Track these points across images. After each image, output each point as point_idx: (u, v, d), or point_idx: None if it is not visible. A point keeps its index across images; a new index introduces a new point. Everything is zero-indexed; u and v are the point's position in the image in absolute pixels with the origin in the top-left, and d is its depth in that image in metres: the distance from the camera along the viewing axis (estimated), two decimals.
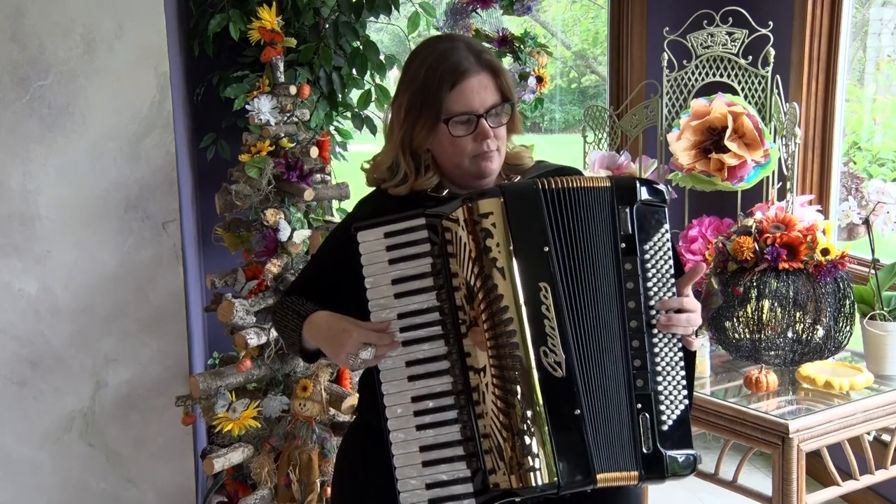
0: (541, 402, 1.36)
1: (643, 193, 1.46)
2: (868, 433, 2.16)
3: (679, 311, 1.46)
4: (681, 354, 1.47)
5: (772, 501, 2.05)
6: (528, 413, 1.36)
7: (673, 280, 1.47)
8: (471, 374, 1.40)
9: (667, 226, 1.48)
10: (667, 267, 1.47)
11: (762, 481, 3.09)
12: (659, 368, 1.45)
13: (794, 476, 1.98)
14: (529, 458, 1.35)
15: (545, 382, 1.37)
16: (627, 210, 1.45)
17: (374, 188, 1.68)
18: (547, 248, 1.41)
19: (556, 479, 1.35)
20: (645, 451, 1.42)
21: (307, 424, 2.34)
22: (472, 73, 1.53)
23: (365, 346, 1.42)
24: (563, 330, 1.39)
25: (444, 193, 1.59)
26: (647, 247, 1.45)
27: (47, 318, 2.42)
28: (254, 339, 2.25)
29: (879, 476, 2.19)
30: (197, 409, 2.38)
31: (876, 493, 2.88)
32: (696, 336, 1.51)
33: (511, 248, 1.39)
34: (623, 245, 1.44)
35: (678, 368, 1.46)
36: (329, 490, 2.37)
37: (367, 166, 1.68)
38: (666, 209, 1.49)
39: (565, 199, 1.44)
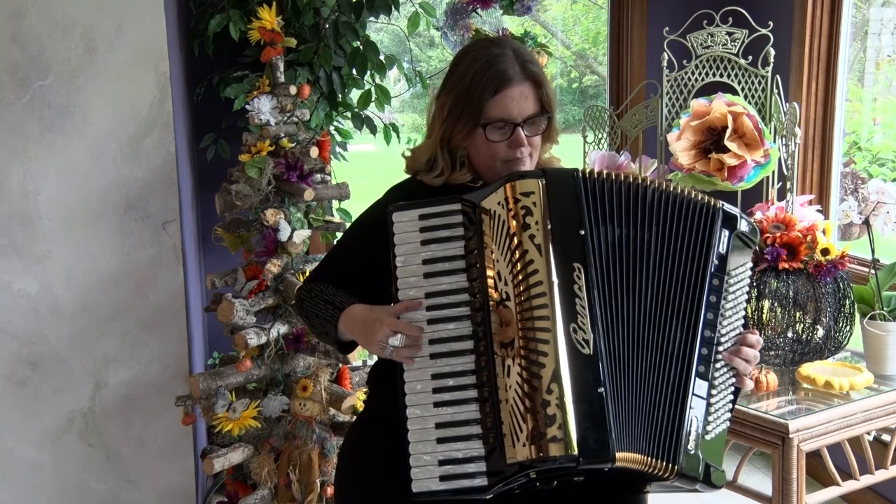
0: (566, 375, 1.37)
1: (743, 226, 1.54)
2: (868, 433, 2.16)
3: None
4: (734, 381, 1.54)
5: (772, 501, 2.05)
6: (553, 385, 1.36)
7: (744, 312, 1.55)
8: (498, 350, 1.41)
9: (750, 265, 1.57)
10: (743, 298, 1.55)
11: (762, 481, 3.09)
12: (716, 382, 1.50)
13: (794, 476, 1.98)
14: (551, 428, 1.34)
15: (572, 357, 1.38)
16: (726, 233, 1.52)
17: (409, 176, 1.72)
18: (583, 232, 1.44)
19: (574, 451, 1.34)
20: (689, 449, 1.44)
21: (307, 424, 2.34)
22: (516, 83, 1.57)
23: (395, 334, 1.44)
24: (592, 311, 1.41)
25: (479, 185, 1.62)
26: (732, 272, 1.52)
27: (47, 318, 2.42)
28: (254, 339, 2.26)
29: (879, 476, 2.19)
30: (197, 409, 2.38)
31: (876, 493, 2.88)
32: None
33: (549, 227, 1.42)
34: (716, 262, 1.50)
35: (730, 390, 1.53)
36: (329, 490, 2.37)
37: (408, 154, 1.72)
38: (752, 252, 1.58)
39: (608, 190, 1.48)
